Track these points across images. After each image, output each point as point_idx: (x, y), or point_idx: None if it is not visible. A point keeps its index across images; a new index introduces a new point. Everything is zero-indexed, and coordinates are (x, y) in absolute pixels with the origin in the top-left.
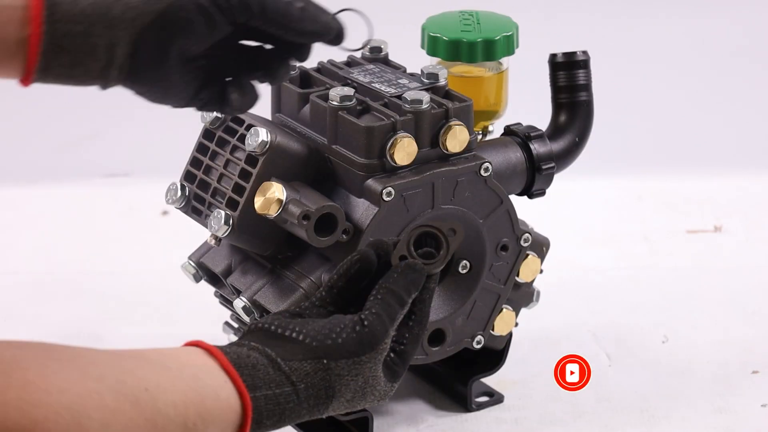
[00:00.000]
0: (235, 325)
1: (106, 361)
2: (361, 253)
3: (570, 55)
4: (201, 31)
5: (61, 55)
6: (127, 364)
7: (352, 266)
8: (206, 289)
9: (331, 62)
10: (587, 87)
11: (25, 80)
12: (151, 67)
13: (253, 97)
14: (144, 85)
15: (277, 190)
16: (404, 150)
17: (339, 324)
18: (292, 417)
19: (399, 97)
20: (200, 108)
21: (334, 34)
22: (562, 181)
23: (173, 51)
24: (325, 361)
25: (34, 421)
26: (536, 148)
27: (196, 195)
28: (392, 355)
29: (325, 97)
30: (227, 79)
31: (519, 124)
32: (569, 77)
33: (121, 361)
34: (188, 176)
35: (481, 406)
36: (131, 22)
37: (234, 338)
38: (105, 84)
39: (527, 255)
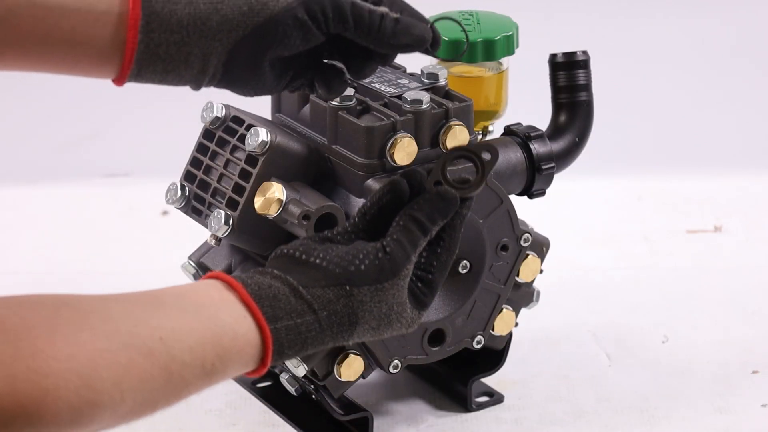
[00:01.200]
0: None
1: (119, 313)
2: (393, 181)
3: (570, 55)
4: (296, 42)
5: (155, 63)
6: (142, 313)
7: (384, 195)
8: None
9: None
10: (587, 87)
11: (118, 82)
12: (244, 73)
13: (339, 87)
14: (236, 86)
15: (277, 190)
16: (404, 150)
17: (362, 250)
18: (314, 344)
19: (399, 97)
20: (291, 92)
21: (429, 44)
22: (562, 181)
23: (266, 59)
24: (347, 288)
25: (44, 391)
26: (536, 148)
27: (196, 195)
28: (419, 284)
29: None
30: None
31: (519, 124)
32: (569, 77)
33: (135, 311)
34: (188, 176)
35: (481, 406)
36: (227, 34)
37: None
38: (197, 87)
39: (527, 255)
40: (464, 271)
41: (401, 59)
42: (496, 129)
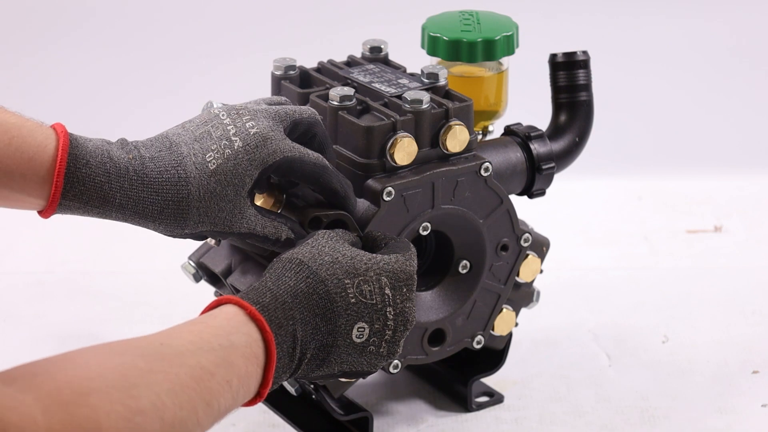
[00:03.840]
0: None
1: (119, 342)
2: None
3: (570, 55)
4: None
5: (76, 210)
6: (135, 338)
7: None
8: (206, 289)
9: (331, 62)
10: (587, 87)
11: (44, 214)
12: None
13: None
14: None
15: (277, 190)
16: (404, 150)
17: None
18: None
19: (399, 97)
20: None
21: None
22: (562, 181)
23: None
24: None
25: (93, 408)
26: (536, 148)
27: None
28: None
29: (325, 97)
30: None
31: (519, 124)
32: (569, 77)
33: (129, 340)
34: None
35: (481, 406)
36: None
37: None
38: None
39: (527, 255)
40: (464, 271)
41: (401, 59)
42: (496, 129)
